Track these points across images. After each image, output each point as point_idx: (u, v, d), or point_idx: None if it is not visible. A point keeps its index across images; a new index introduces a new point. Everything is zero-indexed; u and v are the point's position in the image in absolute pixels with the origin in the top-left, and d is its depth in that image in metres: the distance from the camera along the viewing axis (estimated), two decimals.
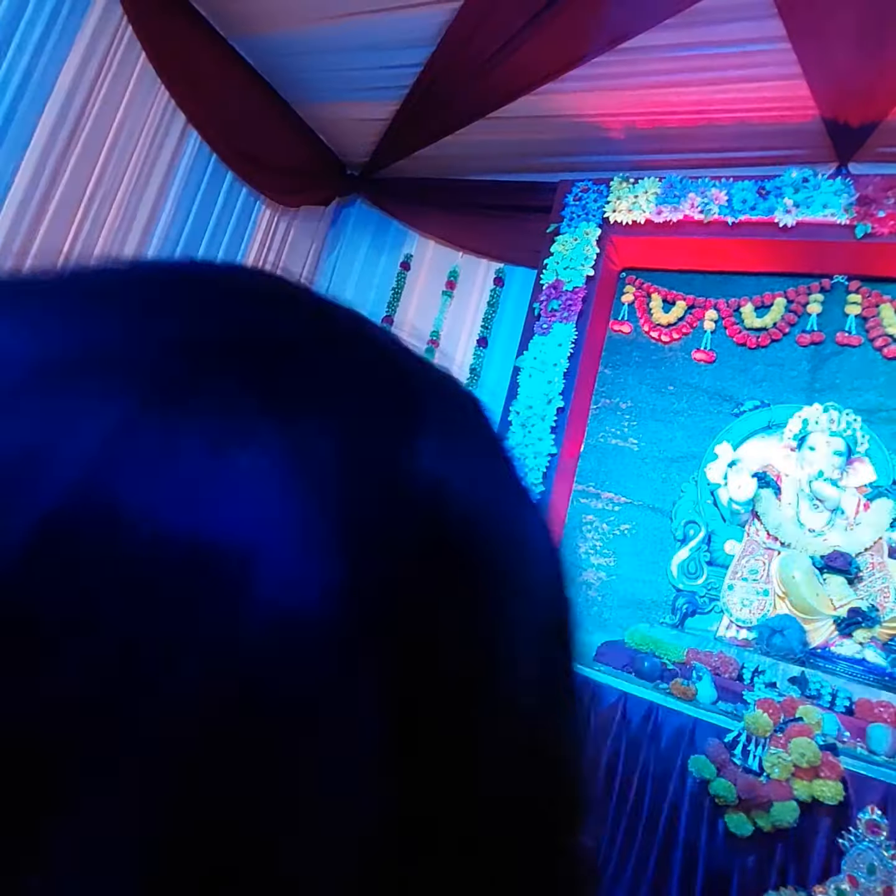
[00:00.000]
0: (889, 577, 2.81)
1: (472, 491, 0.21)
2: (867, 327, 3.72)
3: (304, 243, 4.69)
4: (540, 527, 0.25)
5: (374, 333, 0.24)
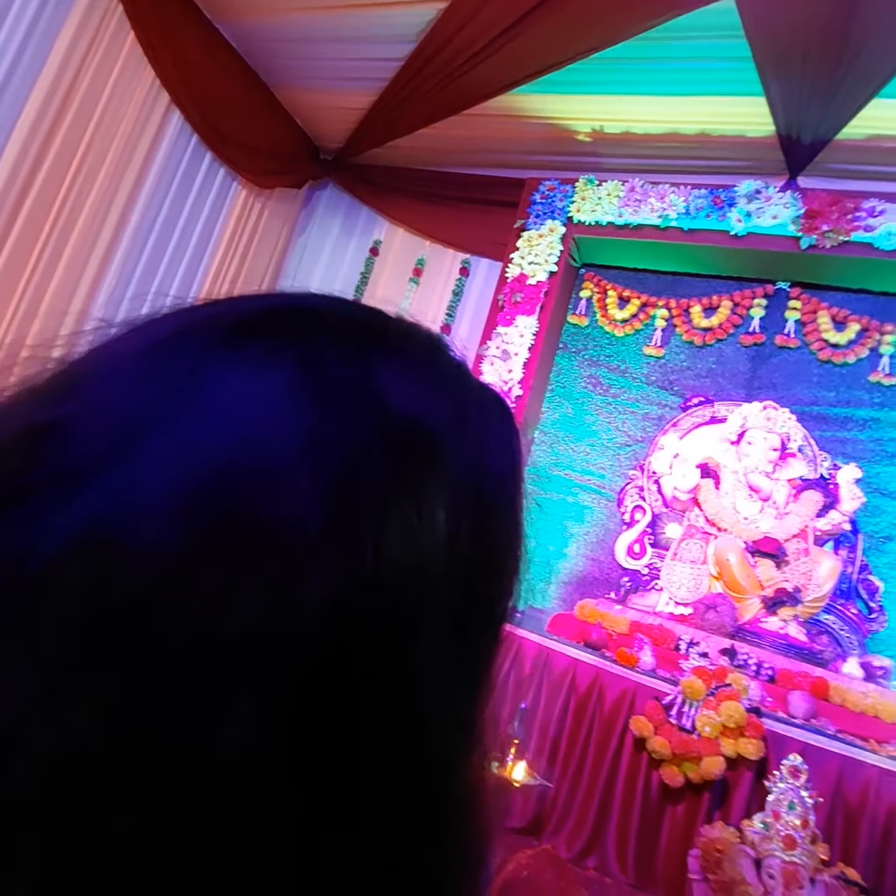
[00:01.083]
0: (812, 562, 3.08)
1: (423, 396, 0.26)
2: (805, 331, 4.01)
3: (276, 224, 4.71)
4: (496, 424, 0.30)
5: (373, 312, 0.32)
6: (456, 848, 0.25)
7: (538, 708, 2.52)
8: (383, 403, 0.25)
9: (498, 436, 0.31)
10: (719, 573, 3.02)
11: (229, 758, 0.19)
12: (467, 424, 0.28)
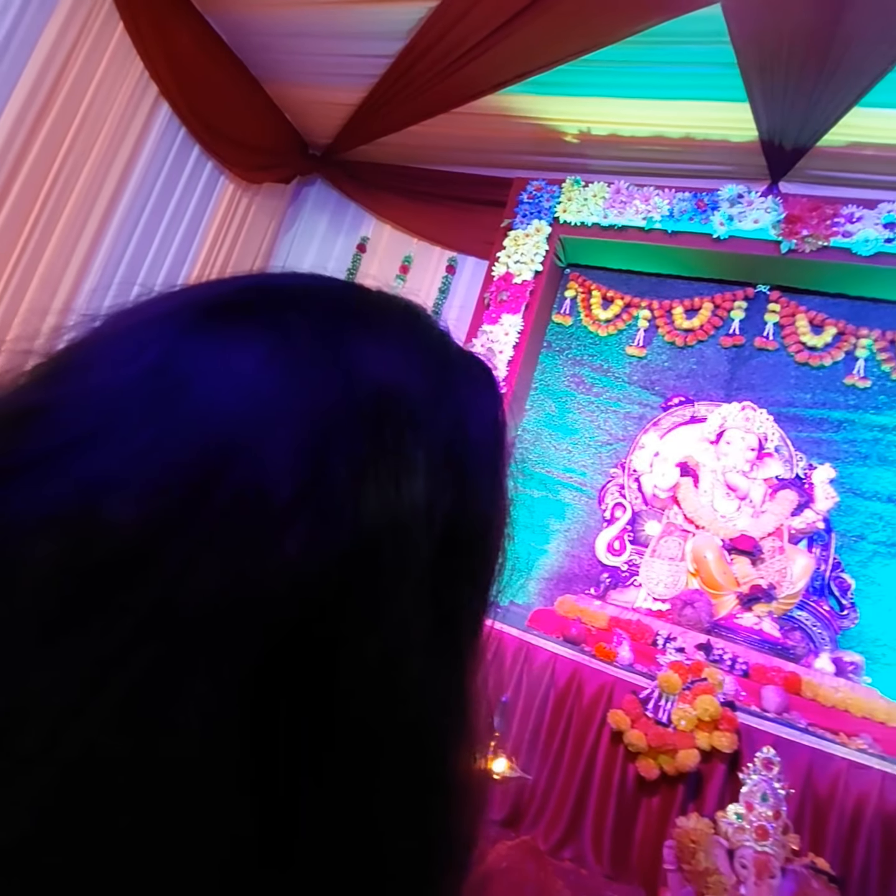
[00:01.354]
0: (787, 560, 3.15)
1: (394, 365, 0.26)
2: (783, 334, 4.08)
3: (263, 220, 4.69)
4: (470, 391, 0.30)
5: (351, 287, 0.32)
6: (438, 834, 0.24)
7: (518, 701, 2.56)
8: (356, 373, 0.25)
9: (481, 403, 0.30)
10: (697, 570, 3.08)
11: (189, 728, 0.19)
12: (447, 392, 0.28)
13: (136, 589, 0.19)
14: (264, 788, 0.20)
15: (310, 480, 0.22)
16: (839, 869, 2.22)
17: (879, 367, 3.87)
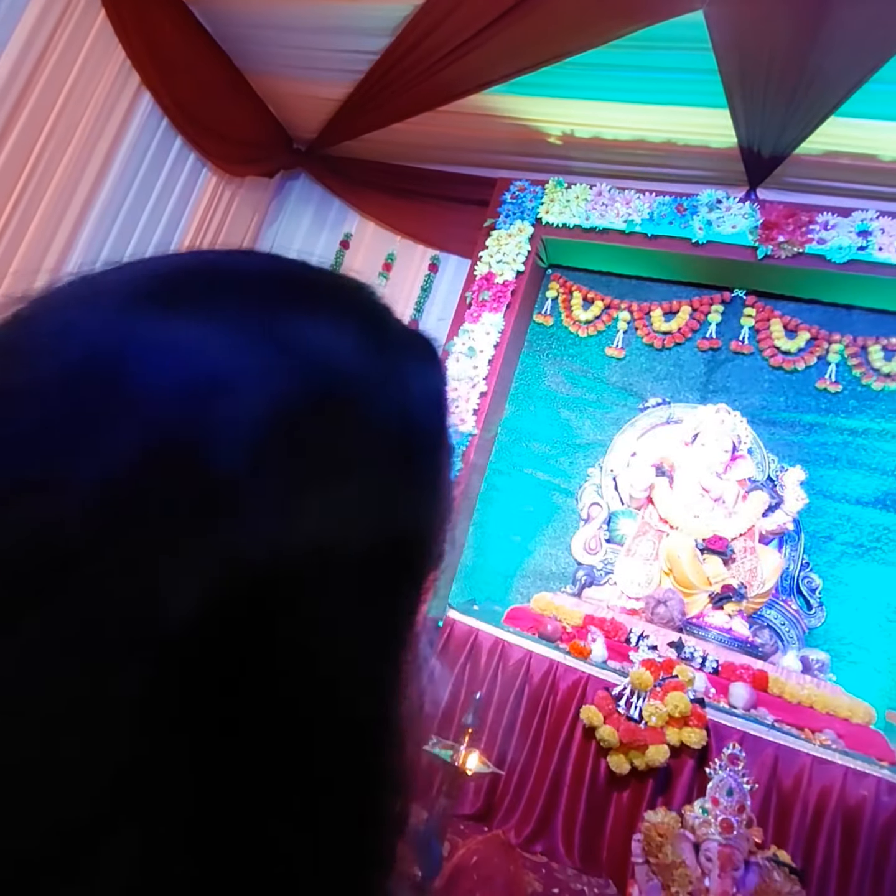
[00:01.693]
0: (758, 560, 3.22)
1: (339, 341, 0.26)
2: (758, 338, 4.16)
3: (246, 214, 4.64)
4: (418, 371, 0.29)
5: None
6: (367, 822, 0.24)
7: (493, 698, 2.59)
8: (289, 351, 0.24)
9: (426, 384, 0.29)
10: (670, 569, 3.13)
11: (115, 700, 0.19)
12: (391, 373, 0.27)
13: (71, 581, 0.19)
14: (196, 764, 0.20)
15: (246, 474, 0.21)
16: (802, 860, 2.28)
17: (850, 373, 3.96)
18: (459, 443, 4.14)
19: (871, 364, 3.92)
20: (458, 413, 4.20)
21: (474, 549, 4.34)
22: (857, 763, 2.35)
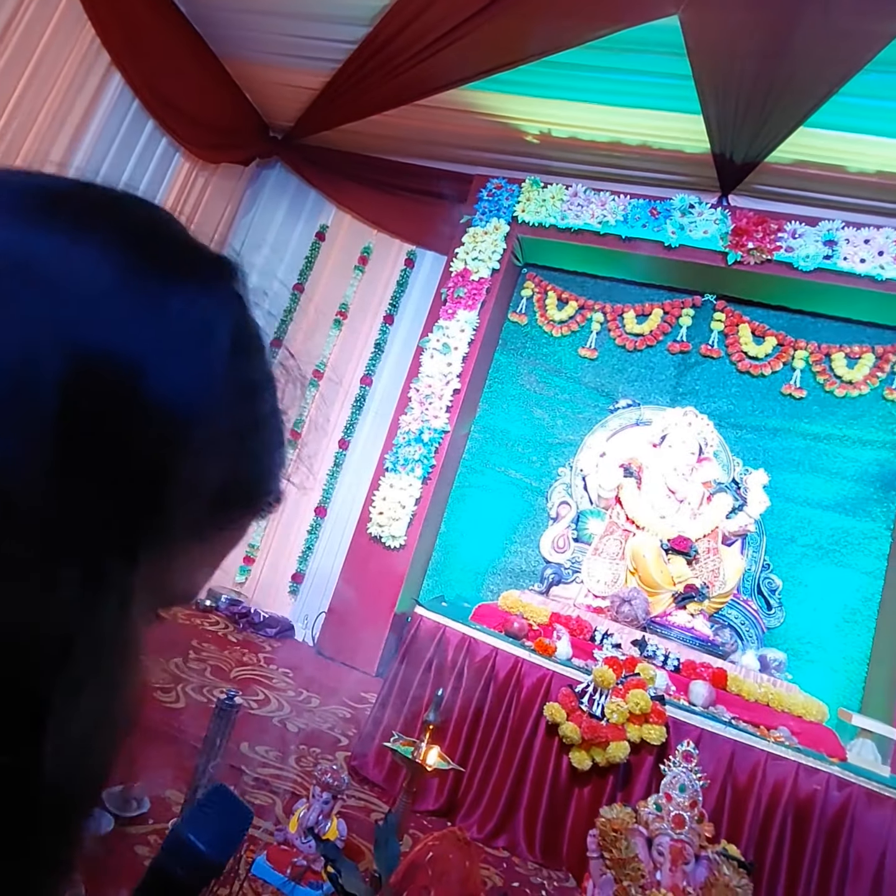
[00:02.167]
0: (720, 561, 3.29)
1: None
2: (727, 343, 4.24)
3: (220, 201, 4.55)
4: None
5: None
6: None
7: (458, 694, 2.60)
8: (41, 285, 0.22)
9: (202, 317, 0.26)
10: (635, 568, 3.18)
11: None
12: (152, 307, 0.24)
13: None
14: None
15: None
16: (755, 852, 2.35)
17: (814, 379, 4.07)
18: (432, 440, 4.15)
19: (834, 371, 4.02)
20: (431, 410, 4.20)
21: (445, 546, 4.36)
22: (809, 759, 2.42)
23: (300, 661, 3.79)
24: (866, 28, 3.18)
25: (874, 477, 3.87)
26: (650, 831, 1.83)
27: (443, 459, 4.14)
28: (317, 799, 1.66)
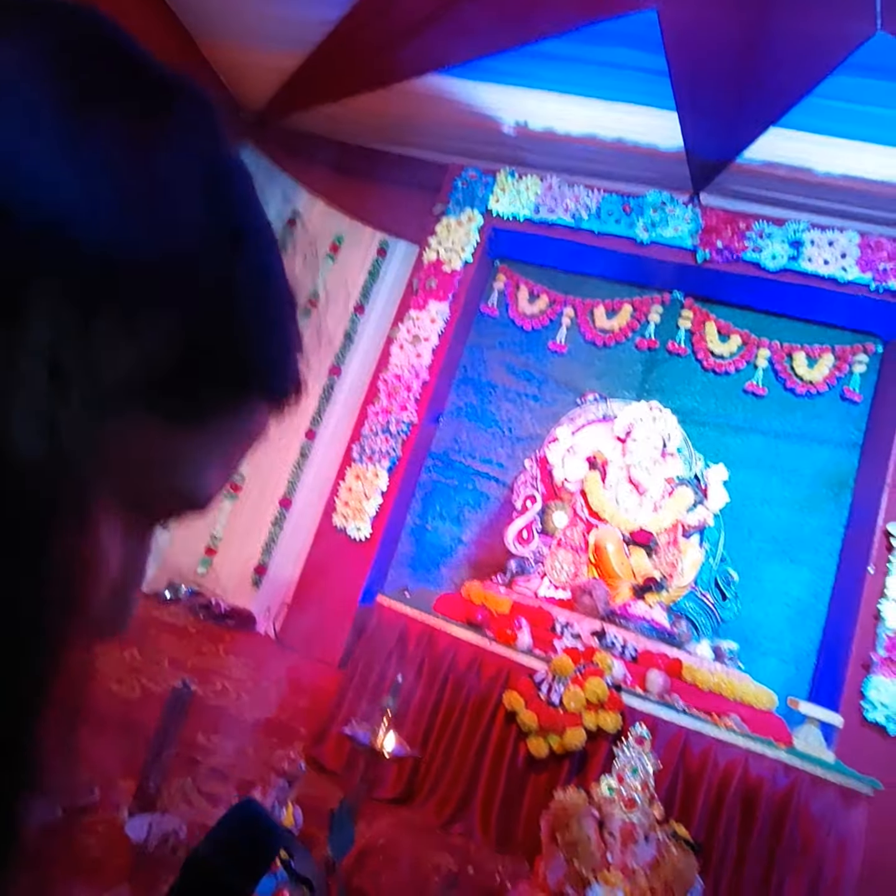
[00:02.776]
0: (679, 554, 3.37)
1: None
2: (693, 340, 4.31)
3: None
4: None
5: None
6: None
7: (419, 682, 2.63)
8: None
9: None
10: (597, 560, 3.24)
11: None
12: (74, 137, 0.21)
13: None
14: None
15: None
16: (705, 834, 2.43)
17: (776, 378, 4.16)
18: (400, 431, 4.14)
19: (794, 371, 4.12)
20: (399, 401, 4.19)
21: (411, 538, 4.37)
22: (757, 745, 2.50)
23: (261, 652, 3.79)
24: (837, 30, 3.24)
25: (830, 475, 3.98)
26: (602, 813, 1.87)
27: (410, 451, 4.15)
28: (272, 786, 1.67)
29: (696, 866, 1.84)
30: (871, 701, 3.34)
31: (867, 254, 3.81)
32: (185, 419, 0.24)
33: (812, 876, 2.38)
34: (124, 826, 1.57)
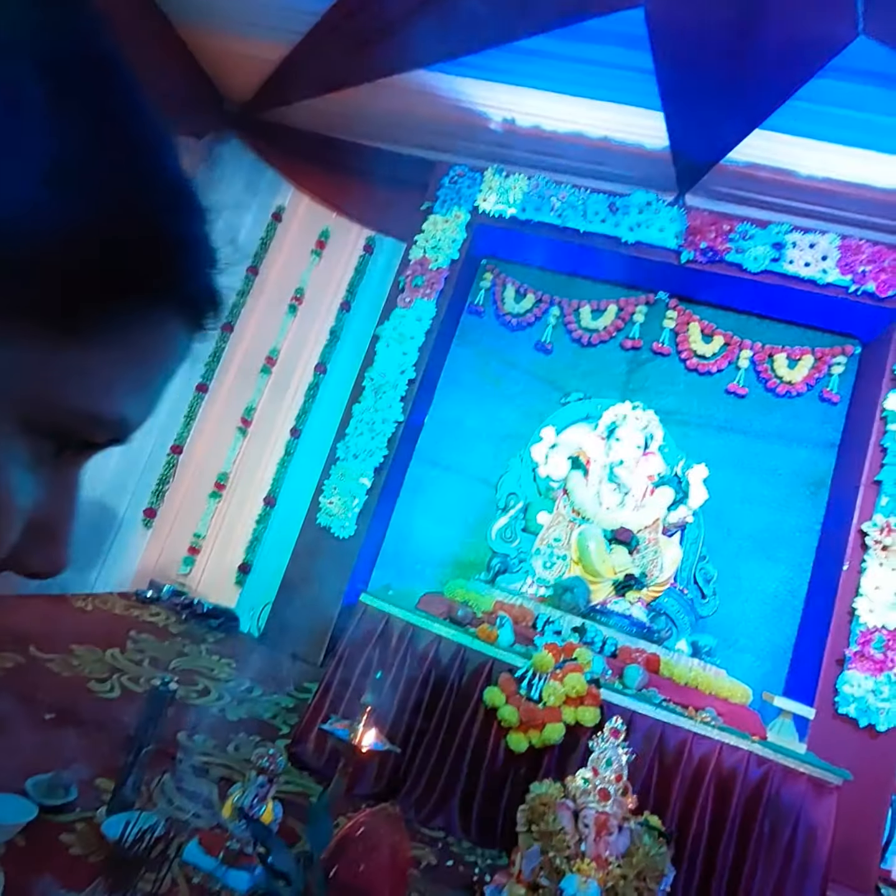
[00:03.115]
0: (659, 551, 3.42)
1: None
2: (677, 341, 4.36)
3: None
4: None
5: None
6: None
7: (401, 679, 2.66)
8: None
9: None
10: (579, 558, 3.28)
11: None
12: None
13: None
14: None
15: None
16: (679, 824, 2.49)
17: (757, 379, 4.22)
18: (386, 430, 4.15)
19: (775, 372, 4.18)
20: (385, 400, 4.20)
21: (396, 536, 4.39)
22: (731, 738, 2.56)
23: (244, 651, 3.79)
24: (820, 34, 3.28)
25: (807, 475, 4.06)
26: (577, 804, 1.92)
27: (395, 450, 4.16)
28: (252, 783, 1.69)
29: (668, 855, 1.89)
30: (844, 695, 3.42)
31: (847, 256, 3.87)
32: (88, 332, 0.22)
33: (783, 862, 2.46)
34: (102, 824, 1.59)
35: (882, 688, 3.38)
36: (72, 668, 2.68)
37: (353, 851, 1.38)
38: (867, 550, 3.56)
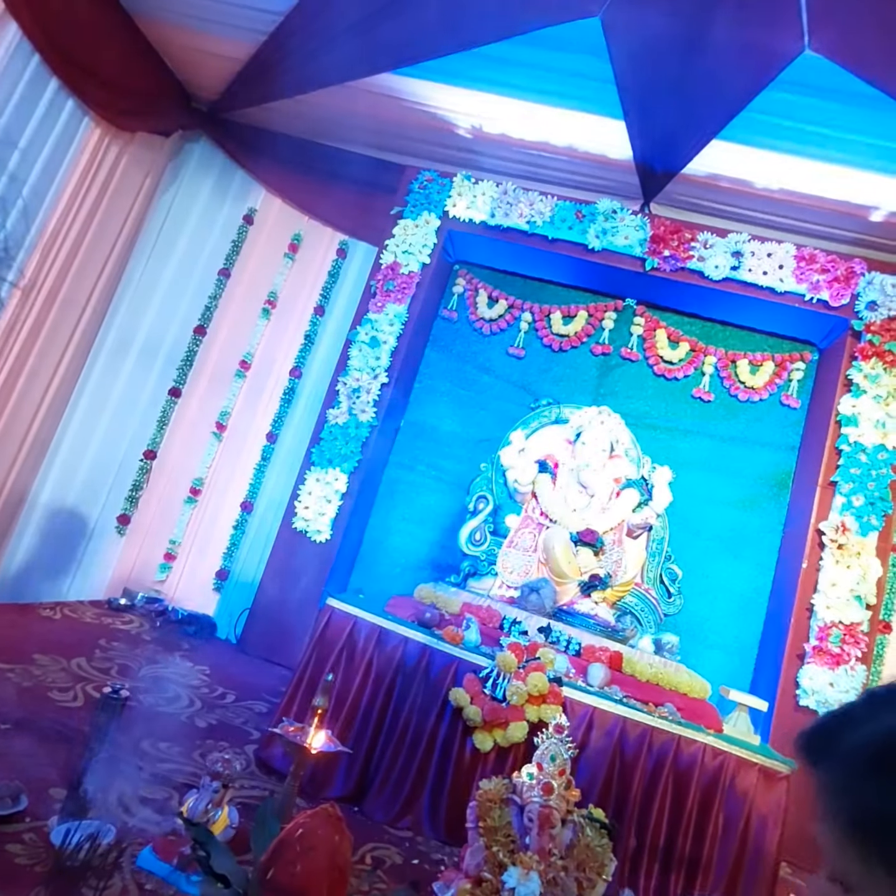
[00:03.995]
0: (624, 552, 3.49)
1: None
2: (645, 346, 4.45)
3: (136, 174, 4.16)
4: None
5: None
6: None
7: (368, 682, 2.69)
8: None
9: None
10: (546, 560, 3.34)
11: None
12: None
13: None
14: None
15: None
16: (641, 813, 2.56)
17: (721, 384, 4.33)
18: (360, 434, 4.18)
19: (738, 377, 4.29)
20: (359, 404, 4.23)
21: (371, 540, 4.41)
22: (688, 731, 2.64)
23: (219, 658, 3.78)
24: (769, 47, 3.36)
25: (770, 477, 4.17)
26: (523, 800, 1.96)
27: (370, 454, 4.19)
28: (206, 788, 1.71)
29: (609, 846, 1.94)
30: (803, 688, 3.53)
31: (802, 266, 3.99)
32: None
33: (738, 845, 2.54)
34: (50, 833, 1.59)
35: (839, 680, 3.49)
36: (33, 678, 2.66)
37: (290, 853, 1.40)
38: (824, 549, 3.67)
